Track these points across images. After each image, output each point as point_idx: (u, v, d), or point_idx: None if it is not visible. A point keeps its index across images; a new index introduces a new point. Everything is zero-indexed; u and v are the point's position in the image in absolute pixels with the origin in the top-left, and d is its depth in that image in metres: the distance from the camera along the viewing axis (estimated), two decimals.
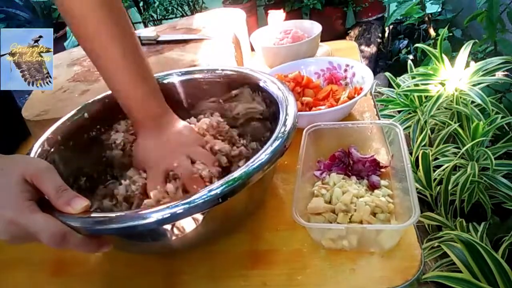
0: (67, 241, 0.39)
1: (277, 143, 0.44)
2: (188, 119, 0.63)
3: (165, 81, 0.65)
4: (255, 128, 0.63)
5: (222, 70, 0.64)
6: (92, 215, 0.40)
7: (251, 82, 0.60)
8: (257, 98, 0.60)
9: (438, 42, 1.17)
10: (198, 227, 0.44)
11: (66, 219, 0.39)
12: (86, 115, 0.59)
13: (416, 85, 1.18)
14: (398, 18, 1.77)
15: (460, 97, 1.12)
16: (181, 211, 0.38)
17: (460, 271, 0.78)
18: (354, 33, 2.85)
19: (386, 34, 2.69)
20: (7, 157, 0.42)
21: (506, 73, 1.25)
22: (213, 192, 0.39)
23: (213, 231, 0.48)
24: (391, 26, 2.58)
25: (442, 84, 1.16)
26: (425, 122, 1.15)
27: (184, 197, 0.39)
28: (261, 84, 0.58)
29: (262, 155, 0.43)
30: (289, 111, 0.50)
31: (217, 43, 0.83)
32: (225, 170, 0.55)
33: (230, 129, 0.61)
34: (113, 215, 0.39)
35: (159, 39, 0.89)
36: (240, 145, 0.59)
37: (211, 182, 0.51)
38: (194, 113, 0.66)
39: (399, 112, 1.30)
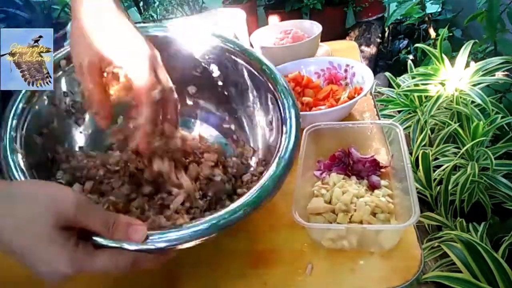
0: (140, 264, 0.37)
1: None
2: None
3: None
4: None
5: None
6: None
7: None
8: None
9: (438, 42, 1.17)
10: None
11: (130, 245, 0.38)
12: None
13: (416, 85, 1.18)
14: (398, 18, 1.77)
15: (460, 97, 1.12)
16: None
17: (460, 271, 0.78)
18: (354, 33, 2.85)
19: (386, 34, 2.69)
20: (24, 204, 0.35)
21: (506, 73, 1.24)
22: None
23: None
24: (391, 26, 2.58)
25: (442, 84, 1.16)
26: (425, 122, 1.15)
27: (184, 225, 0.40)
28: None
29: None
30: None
31: None
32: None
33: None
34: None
35: None
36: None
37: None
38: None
39: (399, 112, 1.30)
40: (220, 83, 0.61)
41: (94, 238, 0.37)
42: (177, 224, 0.44)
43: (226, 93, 0.62)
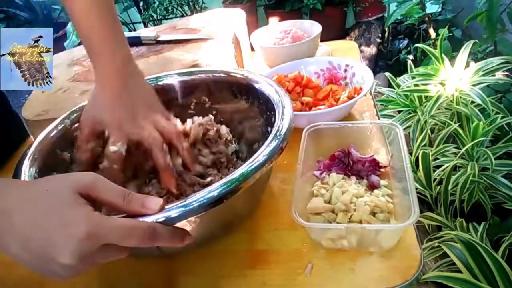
0: (157, 235, 0.36)
1: (273, 144, 0.44)
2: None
3: (161, 82, 0.65)
4: (250, 130, 0.63)
5: (220, 71, 0.64)
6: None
7: (247, 84, 0.60)
8: (253, 101, 0.60)
9: (438, 42, 1.17)
10: (195, 229, 0.44)
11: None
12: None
13: (416, 85, 1.18)
14: (398, 18, 1.77)
15: (460, 97, 1.12)
16: (176, 215, 0.37)
17: (460, 271, 0.78)
18: (354, 33, 2.85)
19: (386, 34, 2.69)
20: (46, 179, 0.38)
21: (506, 73, 1.25)
22: (210, 195, 0.39)
23: (211, 232, 0.48)
24: (391, 26, 2.58)
25: (442, 84, 1.16)
26: (425, 122, 1.15)
27: (180, 201, 0.39)
28: (257, 86, 0.58)
29: (260, 156, 0.43)
30: (285, 113, 0.50)
31: (217, 43, 0.84)
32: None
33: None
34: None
35: (159, 39, 0.90)
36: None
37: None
38: (191, 114, 0.66)
39: (399, 112, 1.30)
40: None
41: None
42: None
43: None
